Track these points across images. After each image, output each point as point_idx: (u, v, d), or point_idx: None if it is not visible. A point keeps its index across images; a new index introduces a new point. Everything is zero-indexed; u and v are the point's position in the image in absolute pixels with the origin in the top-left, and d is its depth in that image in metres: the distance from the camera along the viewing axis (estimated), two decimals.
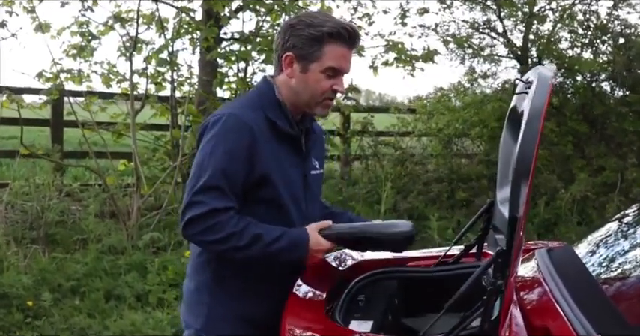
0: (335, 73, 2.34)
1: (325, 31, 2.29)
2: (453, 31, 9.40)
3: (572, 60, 9.10)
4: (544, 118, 1.85)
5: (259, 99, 2.41)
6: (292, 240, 2.29)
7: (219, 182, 2.23)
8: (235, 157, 2.26)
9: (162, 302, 5.36)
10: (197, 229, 2.24)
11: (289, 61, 2.34)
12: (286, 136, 2.38)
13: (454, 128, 9.77)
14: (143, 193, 6.77)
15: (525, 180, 1.85)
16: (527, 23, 9.17)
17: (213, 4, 6.66)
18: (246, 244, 2.24)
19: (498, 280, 1.87)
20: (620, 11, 9.49)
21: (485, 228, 2.77)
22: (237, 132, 2.28)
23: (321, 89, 2.34)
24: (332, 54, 2.31)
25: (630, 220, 2.91)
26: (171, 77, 7.38)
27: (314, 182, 2.53)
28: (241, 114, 2.32)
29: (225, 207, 2.24)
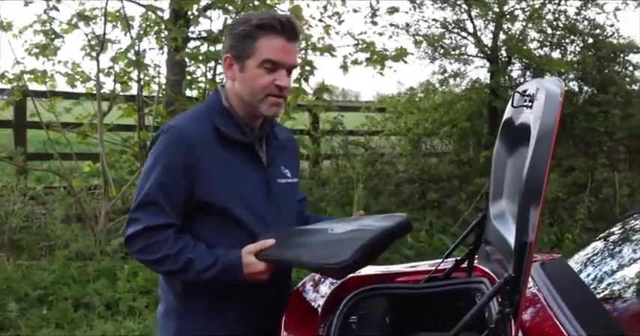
0: (274, 66, 2.21)
1: (254, 24, 2.20)
2: (425, 31, 9.34)
3: (542, 60, 9.10)
4: (556, 139, 1.76)
5: (207, 108, 2.33)
6: (225, 266, 2.17)
7: (156, 197, 2.17)
8: (173, 171, 2.18)
9: (133, 310, 5.23)
10: (135, 247, 2.20)
11: (228, 63, 2.27)
12: (237, 144, 2.27)
13: (424, 128, 9.74)
14: (111, 196, 6.59)
15: (535, 203, 1.77)
16: (497, 23, 9.14)
17: (184, 4, 6.50)
18: (180, 268, 2.16)
19: (506, 308, 1.79)
20: (589, 11, 9.53)
21: (476, 242, 2.71)
22: (176, 145, 2.20)
23: (261, 85, 2.22)
24: (267, 47, 2.20)
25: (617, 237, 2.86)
26: (138, 77, 7.21)
27: (283, 191, 2.39)
28: (183, 126, 2.24)
29: (162, 224, 2.16)
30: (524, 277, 1.75)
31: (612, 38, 9.55)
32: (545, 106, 1.82)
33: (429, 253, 7.12)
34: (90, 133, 7.18)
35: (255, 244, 2.19)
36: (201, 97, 6.99)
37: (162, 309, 2.39)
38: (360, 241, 2.11)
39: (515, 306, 1.77)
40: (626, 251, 2.70)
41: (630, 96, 9.22)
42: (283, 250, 2.18)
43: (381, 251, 2.31)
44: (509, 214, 2.39)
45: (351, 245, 2.09)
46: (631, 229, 2.77)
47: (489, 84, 9.25)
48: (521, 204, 1.81)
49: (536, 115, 1.86)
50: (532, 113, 1.99)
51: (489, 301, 1.88)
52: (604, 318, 2.09)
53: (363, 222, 2.33)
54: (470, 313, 1.88)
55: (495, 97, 9.09)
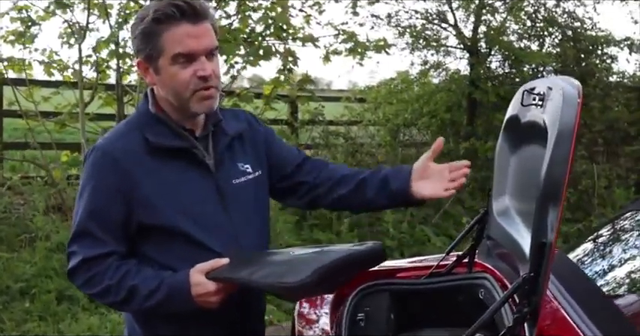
0: (188, 58, 1.95)
1: (151, 18, 1.93)
2: (406, 22, 9.33)
3: (521, 52, 9.15)
4: (575, 140, 1.76)
5: (137, 119, 2.09)
6: (171, 288, 1.95)
7: (89, 227, 1.98)
8: (103, 195, 1.99)
9: None
10: (79, 282, 2.03)
11: (142, 67, 2.03)
12: (173, 151, 2.03)
13: (403, 118, 9.76)
14: None
15: (555, 203, 1.77)
16: (478, 15, 9.17)
17: None
18: (123, 298, 1.96)
19: (525, 308, 1.79)
20: (568, 4, 9.59)
21: (477, 238, 2.71)
22: (102, 167, 1.99)
23: (181, 83, 1.96)
24: (171, 39, 1.94)
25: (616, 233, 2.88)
26: (117, 66, 7.11)
27: (241, 192, 2.12)
28: (107, 144, 2.02)
29: (100, 254, 1.97)
30: (544, 277, 1.75)
31: (591, 31, 9.64)
32: (563, 106, 1.81)
33: (410, 244, 7.17)
34: (68, 122, 7.08)
35: (206, 263, 1.96)
36: None
37: (126, 333, 2.21)
38: (322, 261, 1.91)
39: (534, 306, 1.77)
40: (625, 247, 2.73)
41: (609, 88, 9.31)
42: (235, 270, 1.96)
43: (346, 277, 2.10)
44: (515, 211, 2.39)
45: (312, 265, 1.89)
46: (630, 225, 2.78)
47: (469, 75, 9.27)
48: (540, 204, 1.80)
49: (554, 115, 1.85)
50: (546, 112, 1.98)
51: (508, 299, 1.88)
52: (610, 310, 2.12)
53: (331, 247, 2.11)
54: (488, 312, 1.88)
55: (475, 88, 9.12)
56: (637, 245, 2.61)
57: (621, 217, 2.82)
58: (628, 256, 2.60)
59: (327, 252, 2.00)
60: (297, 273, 1.86)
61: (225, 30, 6.50)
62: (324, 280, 1.89)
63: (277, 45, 7.04)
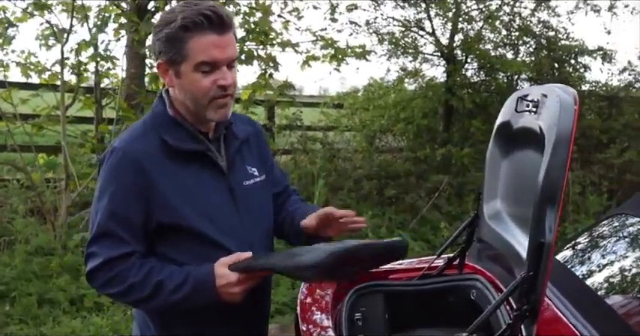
0: (211, 67, 1.99)
1: (178, 25, 1.96)
2: (385, 29, 9.42)
3: (497, 60, 9.28)
4: (572, 146, 1.83)
5: (153, 120, 2.12)
6: (197, 282, 2.00)
7: (110, 227, 2.00)
8: (124, 197, 2.01)
9: (99, 306, 5.17)
10: (99, 283, 2.04)
11: (163, 69, 2.05)
12: (190, 154, 2.08)
13: (379, 124, 9.84)
14: (72, 190, 6.49)
15: (552, 205, 1.83)
16: (455, 23, 9.29)
17: None
18: (149, 294, 1.99)
19: (524, 306, 1.85)
20: (543, 13, 9.76)
21: (467, 240, 2.78)
22: (123, 168, 2.02)
23: (202, 90, 2.01)
24: (198, 47, 1.97)
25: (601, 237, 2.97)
26: (96, 69, 7.09)
27: (250, 194, 2.19)
28: (127, 145, 2.04)
29: (123, 254, 2.00)
30: (543, 276, 1.81)
31: (565, 40, 9.81)
32: (560, 113, 1.88)
33: None
34: (46, 125, 7.04)
35: (229, 257, 2.03)
36: None
37: (138, 332, 2.24)
38: (340, 247, 1.99)
39: (533, 304, 1.83)
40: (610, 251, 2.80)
41: (582, 97, 9.46)
42: (255, 260, 2.04)
43: (363, 267, 2.18)
44: (508, 215, 2.47)
45: (326, 250, 1.97)
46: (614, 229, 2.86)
47: (446, 83, 9.39)
48: (538, 206, 1.87)
49: (551, 121, 1.92)
50: (541, 119, 2.05)
51: (508, 297, 1.94)
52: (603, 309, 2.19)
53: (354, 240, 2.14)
54: (489, 309, 1.95)
55: (452, 95, 9.23)
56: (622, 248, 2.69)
57: (607, 221, 2.90)
58: (614, 258, 2.67)
59: (347, 242, 2.05)
60: (314, 255, 1.94)
61: None
62: (339, 263, 1.96)
63: (258, 50, 7.08)
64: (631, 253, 2.61)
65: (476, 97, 9.54)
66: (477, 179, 8.58)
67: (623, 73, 10.26)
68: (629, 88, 10.27)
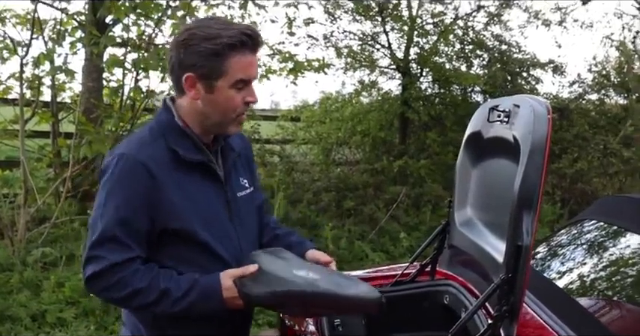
0: (245, 84, 2.08)
1: (225, 43, 2.02)
2: (345, 43, 9.54)
3: (451, 73, 9.46)
4: (548, 153, 1.91)
5: (159, 128, 2.15)
6: (202, 292, 2.04)
7: (116, 232, 2.02)
8: (132, 203, 2.04)
9: (62, 322, 5.11)
10: (99, 287, 2.06)
11: (191, 82, 2.07)
12: (195, 164, 2.13)
13: (336, 137, 9.94)
14: (29, 205, 6.40)
15: (529, 210, 1.91)
16: (410, 37, 9.44)
17: (115, 13, 6.42)
18: (154, 300, 2.02)
19: (503, 307, 1.92)
20: (495, 27, 9.99)
21: (439, 247, 2.85)
22: (132, 175, 2.04)
23: (234, 106, 2.08)
24: (238, 65, 2.05)
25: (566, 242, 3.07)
26: (52, 82, 7.03)
27: (243, 204, 2.27)
28: (136, 152, 2.07)
29: (127, 259, 2.02)
30: (522, 278, 1.88)
31: (518, 54, 10.04)
32: (535, 122, 1.96)
33: (349, 260, 7.27)
34: (2, 139, 6.95)
35: (235, 269, 2.08)
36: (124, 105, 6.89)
37: (129, 333, 2.25)
38: (287, 287, 2.02)
39: (512, 305, 1.90)
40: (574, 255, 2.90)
41: None
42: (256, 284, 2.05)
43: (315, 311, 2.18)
44: (480, 221, 2.54)
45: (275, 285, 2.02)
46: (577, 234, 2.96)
47: (402, 95, 9.52)
48: (515, 211, 1.94)
49: (525, 130, 2.00)
50: (515, 129, 2.13)
51: (488, 298, 2.00)
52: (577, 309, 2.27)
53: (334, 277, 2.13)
54: (470, 310, 2.03)
55: (408, 108, 9.37)
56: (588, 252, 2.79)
57: (572, 226, 3.00)
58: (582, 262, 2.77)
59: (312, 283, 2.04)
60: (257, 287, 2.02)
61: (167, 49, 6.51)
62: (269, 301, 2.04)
63: None
64: (596, 257, 2.71)
65: (431, 110, 9.71)
66: (433, 190, 8.72)
67: (574, 86, 10.59)
68: (579, 99, 10.57)
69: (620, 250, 2.63)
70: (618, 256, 2.59)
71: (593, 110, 10.55)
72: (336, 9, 9.55)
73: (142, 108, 7.02)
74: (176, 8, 6.92)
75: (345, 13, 9.55)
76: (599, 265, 2.65)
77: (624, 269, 2.52)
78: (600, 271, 2.60)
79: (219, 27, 2.05)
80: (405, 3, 9.67)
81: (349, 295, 2.02)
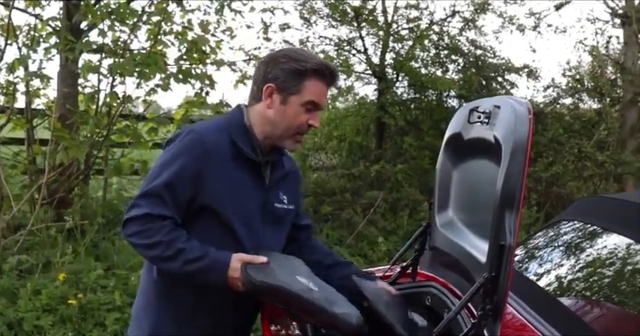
0: (313, 107, 2.38)
1: (309, 67, 2.35)
2: (321, 48, 9.57)
3: (427, 78, 9.51)
4: (530, 152, 1.93)
5: (227, 122, 2.43)
6: (212, 262, 2.24)
7: (162, 192, 2.27)
8: (184, 174, 2.29)
9: (38, 329, 5.05)
10: (131, 230, 2.28)
11: (270, 91, 2.38)
12: (248, 161, 2.39)
13: (312, 142, 9.95)
14: (4, 212, 6.33)
15: (511, 209, 1.92)
16: (385, 42, 9.49)
17: (92, 18, 6.38)
18: (169, 255, 2.23)
19: (487, 305, 1.94)
20: (470, 32, 10.07)
21: (420, 249, 2.85)
22: (193, 150, 2.31)
23: (298, 122, 2.38)
24: (313, 89, 2.36)
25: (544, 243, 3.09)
26: (27, 89, 6.97)
27: (277, 214, 2.50)
28: (203, 133, 2.35)
29: (162, 215, 2.26)
30: (505, 276, 1.90)
31: (493, 59, 10.13)
32: (516, 122, 1.98)
33: None
34: None
35: (247, 255, 2.27)
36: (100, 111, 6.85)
37: (141, 302, 2.51)
38: (283, 284, 2.17)
39: (496, 303, 1.92)
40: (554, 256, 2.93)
41: None
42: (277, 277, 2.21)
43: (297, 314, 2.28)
44: (461, 222, 2.55)
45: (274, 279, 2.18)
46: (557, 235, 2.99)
47: (378, 100, 9.56)
48: (498, 211, 1.96)
49: (507, 131, 2.02)
50: (496, 129, 2.15)
51: (473, 297, 2.01)
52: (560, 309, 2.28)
53: (331, 295, 2.31)
54: (454, 310, 2.03)
55: (384, 113, 9.41)
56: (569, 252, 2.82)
57: (551, 227, 3.03)
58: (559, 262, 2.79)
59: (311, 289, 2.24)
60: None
61: (144, 55, 6.51)
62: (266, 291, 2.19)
63: (195, 68, 7.08)
64: (575, 257, 2.74)
65: (407, 115, 9.76)
66: (410, 194, 8.76)
67: (548, 90, 10.71)
68: (554, 104, 10.68)
69: (598, 250, 2.66)
70: (597, 256, 2.62)
71: (568, 114, 10.66)
72: (311, 14, 9.59)
73: (119, 114, 6.99)
74: (152, 14, 6.91)
75: (321, 18, 9.60)
76: (578, 265, 2.67)
77: (602, 269, 2.55)
78: (579, 271, 2.63)
79: (307, 55, 2.43)
80: (381, 8, 9.73)
81: (332, 313, 2.20)
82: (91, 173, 7.54)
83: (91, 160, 7.01)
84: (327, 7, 9.55)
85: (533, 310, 2.21)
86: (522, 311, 2.22)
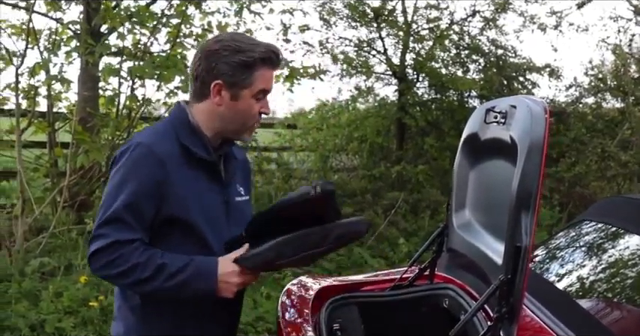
0: (264, 95, 2.30)
1: (257, 57, 2.24)
2: (340, 49, 9.54)
3: (447, 78, 9.45)
4: (546, 152, 1.90)
5: (172, 125, 2.32)
6: (198, 269, 2.16)
7: (123, 215, 2.16)
8: (143, 190, 2.18)
9: (60, 331, 5.09)
10: (100, 263, 2.16)
11: (218, 89, 2.26)
12: (202, 162, 2.29)
13: (333, 143, 9.93)
14: (27, 215, 6.38)
15: (527, 210, 1.90)
16: (405, 42, 9.45)
17: (110, 22, 6.41)
18: (150, 275, 2.13)
19: (503, 308, 1.91)
20: (491, 32, 9.99)
21: (437, 251, 2.83)
22: (145, 163, 2.19)
23: (253, 114, 2.29)
24: (262, 78, 2.26)
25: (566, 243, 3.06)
26: (48, 92, 7.01)
27: (239, 209, 2.40)
28: (151, 143, 2.23)
29: (129, 239, 2.15)
30: (521, 279, 1.87)
31: (514, 58, 10.04)
32: (532, 122, 1.95)
33: (348, 266, 7.25)
34: None
35: (233, 252, 2.22)
36: (120, 114, 6.89)
37: (121, 330, 2.36)
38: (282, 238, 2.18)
39: (512, 306, 1.89)
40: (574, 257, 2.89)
41: None
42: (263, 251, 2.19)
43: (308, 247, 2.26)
44: (479, 224, 2.53)
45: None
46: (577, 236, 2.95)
47: (398, 101, 9.52)
48: (513, 212, 1.93)
49: (523, 131, 1.99)
50: (512, 129, 2.12)
51: (489, 299, 1.99)
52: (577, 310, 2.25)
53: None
54: (470, 312, 2.01)
55: (404, 113, 9.37)
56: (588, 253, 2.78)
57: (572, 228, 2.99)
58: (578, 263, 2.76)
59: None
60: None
61: (163, 57, 6.54)
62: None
63: None
64: (595, 258, 2.70)
65: (428, 115, 9.71)
66: (431, 195, 8.71)
67: (570, 89, 10.57)
68: (576, 103, 10.56)
69: (618, 251, 2.62)
70: (617, 258, 2.58)
71: (590, 114, 10.52)
72: (331, 15, 9.56)
73: (139, 116, 7.03)
74: (171, 16, 6.94)
75: (341, 19, 9.56)
76: (597, 266, 2.64)
77: (623, 270, 2.51)
78: (599, 272, 2.59)
79: (249, 42, 2.28)
80: (401, 9, 9.69)
81: (340, 223, 2.34)
82: None
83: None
84: (347, 7, 9.52)
85: (551, 312, 2.18)
86: (540, 313, 2.19)
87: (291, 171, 9.13)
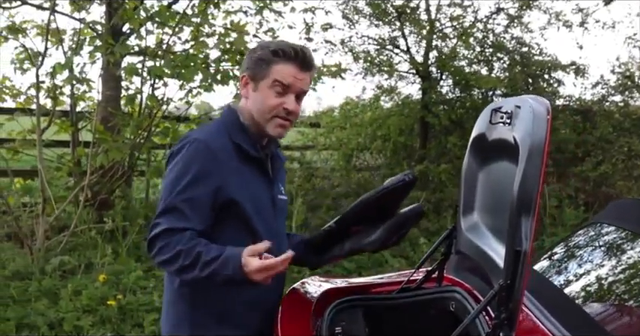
0: (284, 89, 2.36)
1: (271, 50, 2.36)
2: (360, 48, 9.50)
3: (471, 76, 9.37)
4: (547, 154, 1.86)
5: (224, 124, 2.46)
6: (225, 259, 2.19)
7: (180, 205, 2.26)
8: (200, 181, 2.28)
9: (78, 330, 5.12)
10: (154, 250, 2.26)
11: (244, 82, 2.44)
12: (252, 159, 2.42)
13: (356, 142, 9.89)
14: (48, 214, 6.44)
15: (527, 214, 1.86)
16: (429, 41, 9.39)
17: (130, 21, 6.43)
18: (190, 263, 2.20)
19: (502, 314, 1.87)
20: (516, 30, 9.89)
21: (446, 253, 2.80)
22: (202, 158, 2.30)
23: (269, 105, 2.37)
24: (279, 71, 2.35)
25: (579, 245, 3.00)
26: (72, 92, 7.06)
27: (281, 206, 2.56)
28: (206, 139, 2.35)
29: (181, 227, 2.24)
30: (520, 284, 1.83)
31: (539, 56, 9.93)
32: (534, 123, 1.91)
33: (368, 266, 7.22)
34: (22, 149, 7.00)
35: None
36: (141, 113, 6.92)
37: (173, 319, 2.48)
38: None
39: (511, 312, 1.85)
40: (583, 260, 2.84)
41: (556, 112, 9.56)
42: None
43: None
44: (485, 226, 2.49)
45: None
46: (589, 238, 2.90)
47: (422, 99, 9.46)
48: (514, 215, 1.89)
49: (525, 132, 1.95)
50: (515, 130, 2.08)
51: (487, 305, 1.96)
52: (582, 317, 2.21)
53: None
54: (467, 318, 1.96)
55: (427, 112, 9.31)
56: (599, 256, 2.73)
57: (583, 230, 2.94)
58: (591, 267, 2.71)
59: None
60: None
61: (183, 56, 6.55)
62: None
63: (234, 70, 7.10)
64: (607, 261, 2.64)
65: (451, 114, 9.63)
66: (454, 195, 8.64)
67: (596, 87, 10.42)
68: (602, 101, 10.41)
69: (629, 255, 2.57)
70: (627, 262, 2.53)
71: (617, 112, 10.36)
72: (353, 14, 9.53)
73: (160, 116, 7.05)
74: (192, 16, 6.95)
75: (363, 17, 9.53)
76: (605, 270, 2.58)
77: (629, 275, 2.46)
78: (605, 277, 2.54)
79: (277, 41, 2.47)
80: (424, 6, 9.63)
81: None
82: (133, 175, 7.64)
83: (132, 162, 7.09)
84: (369, 6, 9.48)
85: (555, 317, 2.14)
86: (543, 319, 2.14)
87: (314, 170, 9.12)
